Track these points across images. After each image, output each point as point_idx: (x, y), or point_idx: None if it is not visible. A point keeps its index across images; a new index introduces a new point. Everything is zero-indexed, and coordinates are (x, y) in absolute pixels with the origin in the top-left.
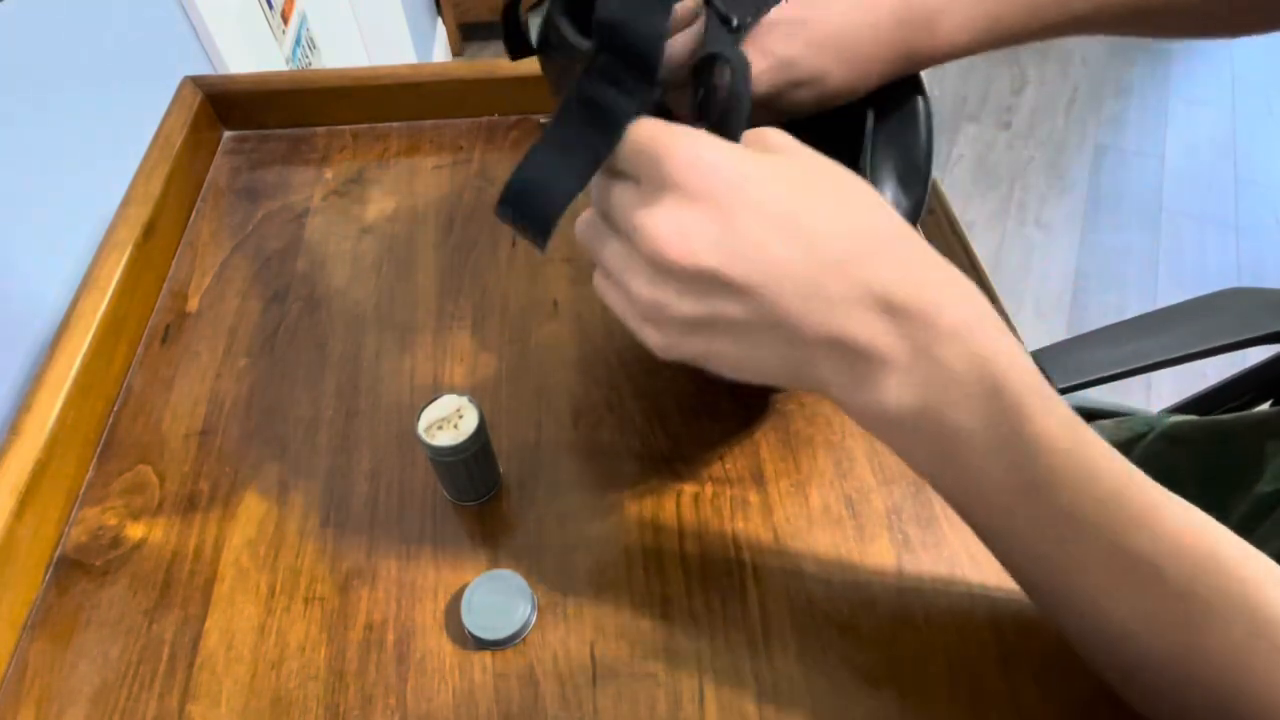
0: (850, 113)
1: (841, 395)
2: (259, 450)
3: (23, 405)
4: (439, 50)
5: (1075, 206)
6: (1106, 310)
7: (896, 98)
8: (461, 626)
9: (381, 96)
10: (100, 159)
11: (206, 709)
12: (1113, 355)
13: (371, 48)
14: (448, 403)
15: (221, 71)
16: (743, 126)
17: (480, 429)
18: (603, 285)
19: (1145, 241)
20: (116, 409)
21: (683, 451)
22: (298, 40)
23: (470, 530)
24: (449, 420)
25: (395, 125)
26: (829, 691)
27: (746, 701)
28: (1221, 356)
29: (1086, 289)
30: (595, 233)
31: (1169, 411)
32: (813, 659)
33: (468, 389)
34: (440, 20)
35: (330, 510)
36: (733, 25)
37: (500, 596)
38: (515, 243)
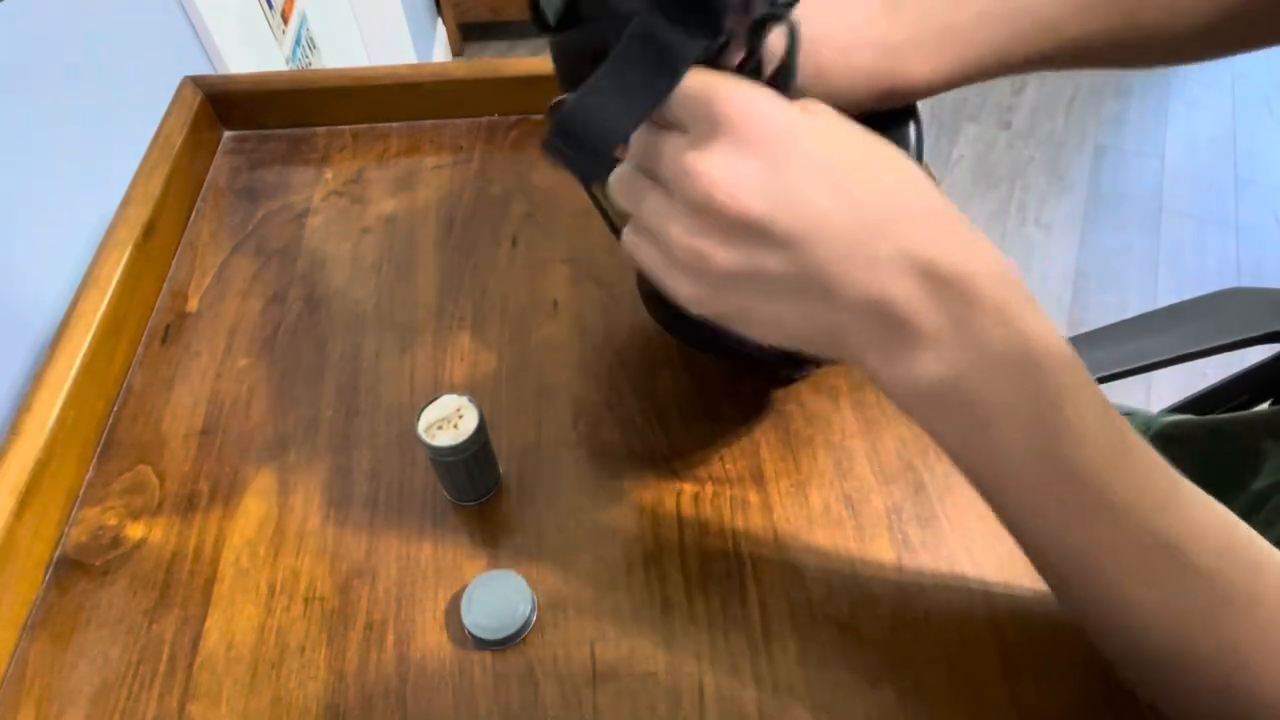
0: None
1: (874, 364)
2: (259, 450)
3: (23, 405)
4: (439, 50)
5: (1075, 206)
6: (1106, 310)
7: (889, 121)
8: (461, 626)
9: (381, 96)
10: (100, 159)
11: (206, 709)
12: (1113, 355)
13: (371, 48)
14: (448, 403)
15: (221, 71)
16: (791, 91)
17: (480, 429)
18: (635, 240)
19: (1145, 241)
20: (116, 409)
21: (683, 451)
22: (298, 40)
23: (470, 530)
24: (449, 420)
25: (395, 125)
26: (829, 691)
27: (746, 701)
28: (1221, 356)
29: (1086, 289)
30: (634, 184)
31: (1168, 411)
32: (813, 659)
33: (468, 389)
34: (440, 20)
35: (330, 510)
36: None
37: (500, 596)
38: (515, 242)
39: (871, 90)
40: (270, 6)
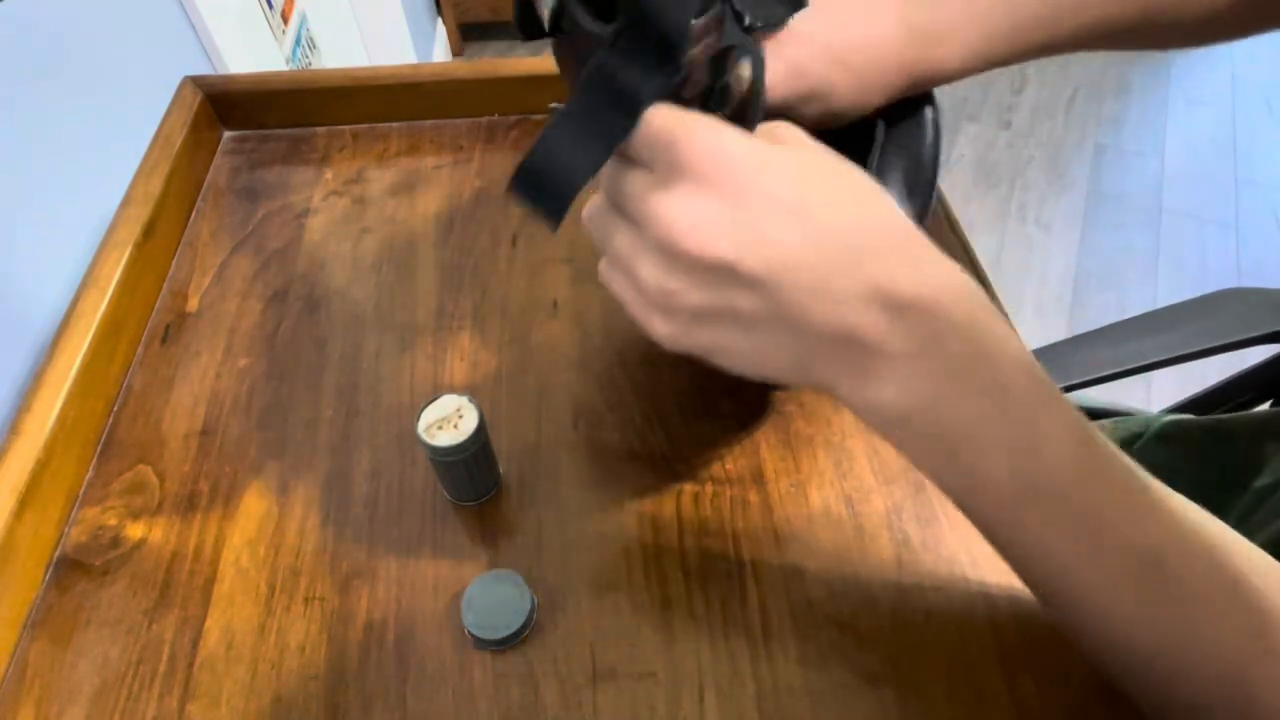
0: (860, 123)
1: (846, 392)
2: (259, 450)
3: (23, 405)
4: (439, 50)
5: (1075, 206)
6: (1106, 310)
7: (906, 105)
8: (461, 626)
9: (381, 96)
10: (100, 159)
11: (206, 709)
12: (1113, 355)
13: (371, 48)
14: (448, 403)
15: (221, 71)
16: (758, 120)
17: (480, 429)
18: (609, 274)
19: (1145, 241)
20: (116, 409)
21: (683, 451)
22: (298, 40)
23: (470, 530)
24: (449, 420)
25: (395, 125)
26: (829, 691)
27: (746, 701)
28: (1221, 356)
29: (1086, 289)
30: (604, 220)
31: (1168, 412)
32: (813, 659)
33: (468, 389)
34: (440, 20)
35: (330, 510)
36: (745, 23)
37: (500, 596)
38: (515, 242)
39: (904, 81)
40: (270, 6)
